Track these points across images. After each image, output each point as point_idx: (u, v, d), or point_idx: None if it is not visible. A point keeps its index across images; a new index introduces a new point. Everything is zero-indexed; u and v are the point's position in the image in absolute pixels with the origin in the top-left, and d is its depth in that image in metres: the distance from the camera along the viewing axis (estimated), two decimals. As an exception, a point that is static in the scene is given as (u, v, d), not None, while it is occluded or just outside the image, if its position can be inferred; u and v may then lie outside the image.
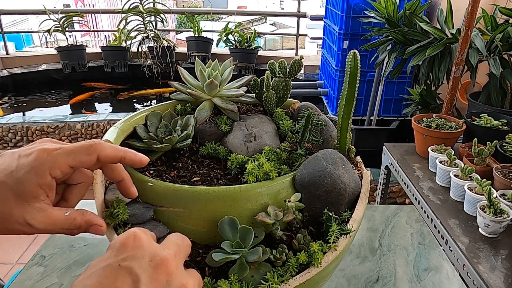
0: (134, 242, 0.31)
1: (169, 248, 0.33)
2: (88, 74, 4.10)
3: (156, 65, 3.98)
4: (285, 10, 13.74)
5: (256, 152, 0.52)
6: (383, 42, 2.16)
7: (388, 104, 2.65)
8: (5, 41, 4.01)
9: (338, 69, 2.63)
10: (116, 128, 0.54)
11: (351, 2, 2.43)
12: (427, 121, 1.57)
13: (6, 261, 2.02)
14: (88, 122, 2.61)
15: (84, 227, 0.38)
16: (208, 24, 6.17)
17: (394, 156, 1.59)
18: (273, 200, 0.45)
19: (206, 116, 0.57)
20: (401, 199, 2.13)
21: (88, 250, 0.77)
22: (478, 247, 1.04)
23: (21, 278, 0.69)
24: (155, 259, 0.31)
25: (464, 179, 1.22)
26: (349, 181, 0.49)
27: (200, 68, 0.60)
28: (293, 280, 0.40)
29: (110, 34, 4.90)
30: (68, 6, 7.34)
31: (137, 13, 3.92)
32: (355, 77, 0.51)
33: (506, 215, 1.03)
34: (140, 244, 0.31)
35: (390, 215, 0.90)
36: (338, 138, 0.57)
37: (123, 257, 0.30)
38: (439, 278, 0.71)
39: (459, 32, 1.83)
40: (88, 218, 0.38)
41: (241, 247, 0.41)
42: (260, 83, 0.63)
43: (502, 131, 1.48)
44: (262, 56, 4.03)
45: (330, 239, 0.43)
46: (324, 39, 3.20)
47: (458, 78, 1.80)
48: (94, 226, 0.38)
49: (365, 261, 0.75)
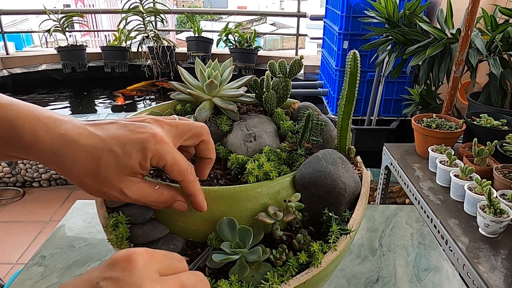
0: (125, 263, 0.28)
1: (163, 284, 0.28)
2: (88, 74, 4.10)
3: (156, 65, 3.98)
4: (285, 10, 13.74)
5: (256, 152, 0.52)
6: (383, 42, 2.16)
7: (388, 104, 2.66)
8: (5, 41, 4.00)
9: (338, 69, 2.63)
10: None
11: (351, 2, 2.43)
12: (427, 121, 1.57)
13: (6, 261, 2.02)
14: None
15: (170, 201, 0.40)
16: (208, 24, 6.17)
17: (394, 156, 1.59)
18: (273, 200, 0.45)
19: (206, 116, 0.57)
20: (401, 199, 2.13)
21: (88, 250, 0.77)
22: (478, 247, 1.04)
23: (21, 278, 0.69)
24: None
25: (464, 179, 1.22)
26: (349, 181, 0.49)
27: (200, 68, 0.60)
28: (293, 280, 0.40)
29: (110, 34, 4.90)
30: (68, 6, 7.34)
31: (137, 13, 3.92)
32: (355, 77, 0.51)
33: (506, 215, 1.03)
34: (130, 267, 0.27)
35: (390, 215, 0.90)
36: (338, 138, 0.56)
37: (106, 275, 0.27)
38: (439, 278, 0.71)
39: (459, 32, 1.83)
40: (173, 193, 0.40)
41: (240, 247, 0.41)
42: (260, 83, 0.63)
43: (502, 131, 1.48)
44: (262, 56, 4.03)
45: (330, 239, 0.43)
46: (324, 39, 3.20)
47: (458, 78, 1.80)
48: (178, 201, 0.40)
49: (365, 261, 0.75)
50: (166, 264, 0.30)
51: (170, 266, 0.31)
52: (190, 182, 0.39)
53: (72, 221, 0.86)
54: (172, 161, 0.37)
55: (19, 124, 0.35)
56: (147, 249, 0.30)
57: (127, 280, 0.27)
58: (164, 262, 0.30)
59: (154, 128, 0.37)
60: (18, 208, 2.46)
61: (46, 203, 2.50)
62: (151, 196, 0.38)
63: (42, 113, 0.36)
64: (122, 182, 0.36)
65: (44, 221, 2.33)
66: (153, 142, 0.36)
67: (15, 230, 2.26)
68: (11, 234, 2.23)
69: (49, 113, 0.36)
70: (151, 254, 0.29)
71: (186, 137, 0.40)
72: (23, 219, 2.35)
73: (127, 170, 0.36)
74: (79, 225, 0.85)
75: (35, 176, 2.64)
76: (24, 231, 2.25)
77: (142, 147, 0.35)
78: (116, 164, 0.35)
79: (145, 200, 0.38)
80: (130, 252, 0.28)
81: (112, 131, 0.36)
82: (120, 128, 0.36)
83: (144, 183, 0.38)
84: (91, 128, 0.36)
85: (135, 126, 0.37)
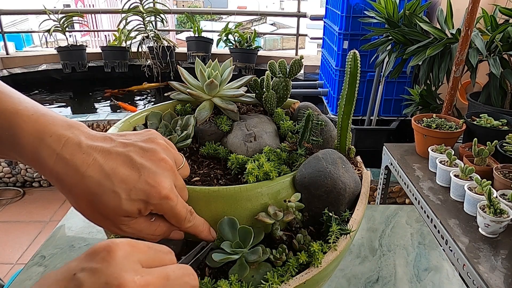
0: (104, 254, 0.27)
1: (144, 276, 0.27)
2: (88, 74, 4.10)
3: (156, 65, 3.98)
4: (285, 10, 13.74)
5: (256, 152, 0.52)
6: (383, 42, 2.16)
7: (388, 104, 2.65)
8: (5, 41, 4.00)
9: (338, 69, 2.63)
10: (116, 128, 0.54)
11: (351, 2, 2.43)
12: (427, 121, 1.57)
13: (6, 261, 2.02)
14: (88, 122, 2.61)
15: (167, 233, 0.39)
16: (208, 24, 6.16)
17: (394, 156, 1.59)
18: (273, 200, 0.45)
19: (206, 116, 0.57)
20: (401, 199, 2.13)
21: (88, 250, 0.77)
22: (478, 247, 1.04)
23: (21, 278, 0.69)
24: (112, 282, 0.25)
25: (464, 179, 1.22)
26: (349, 181, 0.49)
27: (200, 68, 0.60)
28: (293, 280, 0.40)
29: (110, 34, 4.90)
30: (68, 6, 7.34)
31: (137, 13, 3.92)
32: (355, 77, 0.51)
33: (506, 215, 1.03)
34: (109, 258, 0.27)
35: (390, 215, 0.90)
36: (338, 138, 0.56)
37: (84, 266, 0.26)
38: (439, 278, 0.71)
39: (459, 32, 1.83)
40: (170, 224, 0.39)
41: (241, 247, 0.41)
42: (260, 83, 0.63)
43: (502, 131, 1.48)
44: (262, 56, 4.03)
45: (330, 239, 0.43)
46: (324, 39, 3.20)
47: (458, 78, 1.80)
48: (175, 231, 0.40)
49: (365, 261, 0.75)
50: (149, 255, 0.29)
51: (154, 258, 0.30)
52: (189, 228, 0.39)
53: (72, 221, 0.86)
54: (171, 214, 0.37)
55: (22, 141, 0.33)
56: (130, 240, 0.29)
57: (105, 270, 0.26)
58: (147, 253, 0.29)
59: (163, 180, 0.36)
60: (18, 208, 2.46)
61: (46, 203, 2.50)
62: (148, 229, 0.37)
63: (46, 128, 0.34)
64: (119, 220, 0.35)
65: (44, 221, 2.33)
66: (158, 198, 0.35)
67: (15, 230, 2.26)
68: (11, 234, 2.23)
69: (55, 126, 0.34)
70: (132, 245, 0.29)
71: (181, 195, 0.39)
72: (23, 219, 2.35)
73: (125, 214, 0.35)
74: (79, 225, 0.85)
75: (35, 176, 2.64)
76: (24, 231, 2.25)
77: (146, 198, 0.35)
78: (117, 207, 0.34)
79: (142, 234, 0.37)
80: (110, 243, 0.27)
81: (121, 169, 0.34)
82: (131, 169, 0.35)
83: (141, 218, 0.37)
84: (98, 157, 0.34)
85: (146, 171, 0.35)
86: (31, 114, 0.33)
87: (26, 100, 0.35)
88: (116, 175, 0.34)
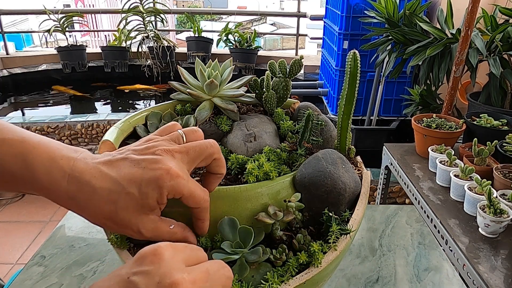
0: (152, 257, 0.29)
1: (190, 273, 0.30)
2: (88, 74, 4.10)
3: (156, 65, 3.98)
4: (285, 10, 13.74)
5: (256, 152, 0.52)
6: (383, 42, 2.16)
7: (388, 104, 2.66)
8: (5, 41, 4.01)
9: (338, 69, 2.63)
10: (116, 128, 0.54)
11: (351, 2, 2.44)
12: (427, 121, 1.57)
13: (6, 261, 2.02)
14: (88, 122, 2.61)
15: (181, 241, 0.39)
16: (208, 24, 6.16)
17: (394, 156, 1.59)
18: (273, 200, 0.45)
19: (206, 116, 0.57)
20: (401, 199, 2.13)
21: (88, 250, 0.77)
22: (478, 247, 1.04)
23: (21, 278, 0.69)
24: (164, 281, 0.28)
25: (464, 179, 1.22)
26: (349, 181, 0.49)
27: (200, 68, 0.60)
28: (293, 280, 0.40)
29: (110, 34, 4.89)
30: (68, 6, 7.34)
31: (137, 13, 3.92)
32: (355, 77, 0.51)
33: (506, 215, 1.03)
34: (158, 260, 0.29)
35: (390, 215, 0.90)
36: (338, 138, 0.56)
37: (135, 270, 0.29)
38: (439, 278, 0.71)
39: (459, 32, 1.83)
40: (186, 235, 0.40)
41: (241, 247, 0.41)
42: (260, 83, 0.63)
43: (502, 131, 1.48)
44: (262, 56, 4.03)
45: (330, 239, 0.43)
46: (324, 39, 3.20)
47: (458, 78, 1.80)
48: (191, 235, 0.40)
49: (365, 261, 0.75)
50: (188, 254, 0.32)
51: (192, 256, 0.32)
52: (205, 209, 0.40)
53: (72, 221, 0.86)
54: (188, 193, 0.37)
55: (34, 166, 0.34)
56: (170, 243, 0.31)
57: (157, 271, 0.28)
58: (186, 252, 0.32)
59: (167, 162, 0.36)
60: (18, 208, 2.46)
61: (46, 203, 2.50)
62: (165, 235, 0.38)
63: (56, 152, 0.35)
64: (140, 222, 0.36)
65: (44, 221, 2.33)
66: (168, 178, 0.35)
67: (15, 230, 2.26)
68: (11, 234, 2.23)
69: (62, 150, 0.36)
70: (174, 246, 0.31)
71: (198, 161, 0.39)
72: (23, 219, 2.35)
73: (145, 209, 0.36)
74: (79, 225, 0.85)
75: (35, 176, 2.64)
76: (24, 231, 2.25)
77: (157, 185, 0.35)
78: (134, 206, 0.35)
79: (159, 238, 0.38)
80: (156, 247, 0.30)
81: (125, 170, 0.36)
82: (133, 166, 0.36)
83: (161, 222, 0.38)
84: (103, 168, 0.36)
85: (147, 162, 0.36)
86: (38, 141, 0.35)
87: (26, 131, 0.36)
88: (123, 178, 0.35)
